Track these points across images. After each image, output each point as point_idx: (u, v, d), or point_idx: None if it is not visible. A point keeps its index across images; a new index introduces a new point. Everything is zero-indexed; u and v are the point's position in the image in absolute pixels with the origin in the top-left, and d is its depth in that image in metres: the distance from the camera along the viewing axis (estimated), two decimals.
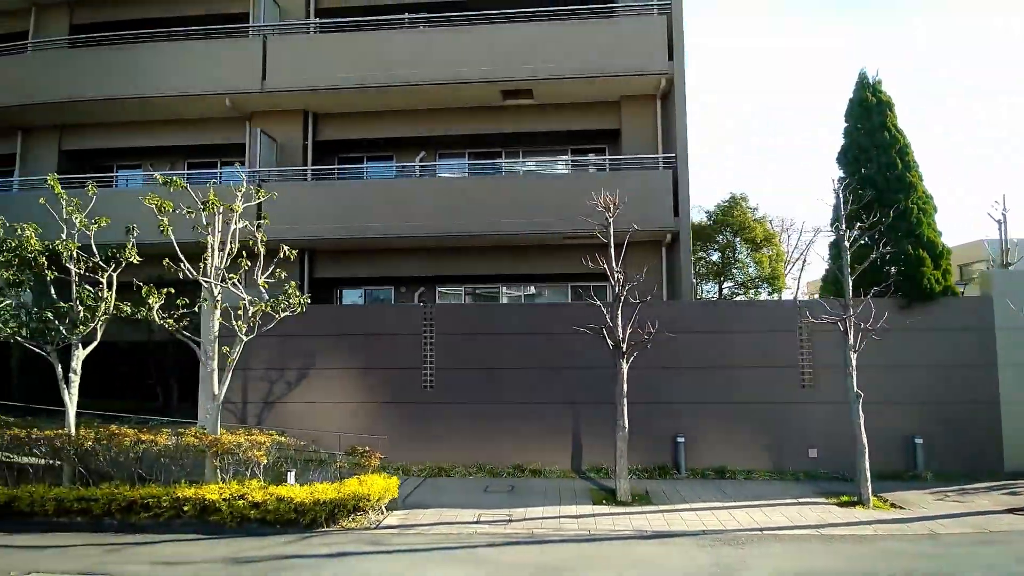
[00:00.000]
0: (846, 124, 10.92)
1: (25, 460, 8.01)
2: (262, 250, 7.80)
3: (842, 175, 10.67)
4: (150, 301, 7.38)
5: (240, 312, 7.73)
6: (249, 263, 7.77)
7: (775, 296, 27.81)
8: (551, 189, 12.50)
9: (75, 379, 7.80)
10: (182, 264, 7.53)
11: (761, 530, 7.06)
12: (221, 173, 14.41)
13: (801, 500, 8.40)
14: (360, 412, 10.34)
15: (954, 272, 11.46)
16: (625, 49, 11.96)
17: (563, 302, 13.28)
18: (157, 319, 7.52)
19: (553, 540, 6.73)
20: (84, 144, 14.28)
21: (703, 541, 6.70)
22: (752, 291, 21.68)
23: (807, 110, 64.47)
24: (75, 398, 7.83)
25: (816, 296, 31.66)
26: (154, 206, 7.54)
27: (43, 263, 7.52)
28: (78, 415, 10.86)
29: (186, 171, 14.44)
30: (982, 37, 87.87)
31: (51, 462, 7.86)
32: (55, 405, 11.19)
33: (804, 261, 33.49)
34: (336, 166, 14.17)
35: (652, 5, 12.47)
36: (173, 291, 7.76)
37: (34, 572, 5.71)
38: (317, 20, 13.49)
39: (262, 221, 8.18)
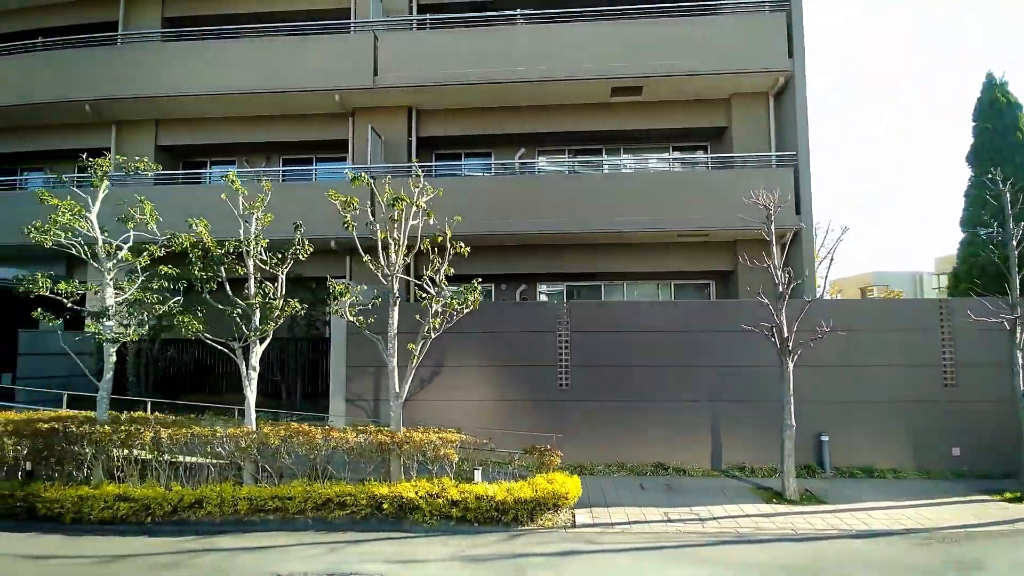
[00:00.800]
0: (974, 124, 10.98)
1: (191, 459, 7.90)
2: (449, 247, 7.71)
3: (972, 175, 10.74)
4: (344, 298, 7.29)
5: (435, 310, 7.64)
6: (440, 259, 7.69)
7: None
8: (662, 186, 12.48)
9: (254, 376, 7.69)
10: (370, 260, 7.44)
11: (962, 527, 7.05)
12: (317, 169, 14.30)
13: (969, 498, 8.40)
14: (495, 409, 10.27)
15: None
16: (743, 46, 11.95)
17: (703, 300, 13.28)
18: (347, 316, 7.43)
19: (764, 539, 6.70)
20: (179, 139, 14.12)
21: (916, 539, 6.69)
22: None
23: (813, 104, 64.70)
24: (254, 395, 7.72)
25: (839, 295, 31.85)
26: (338, 203, 7.45)
27: (231, 260, 7.42)
28: (201, 409, 10.87)
29: (281, 167, 14.32)
30: None
31: (225, 461, 7.73)
32: (166, 399, 11.20)
33: (832, 260, 33.70)
34: (434, 163, 14.09)
35: (764, 2, 12.44)
36: (359, 287, 7.67)
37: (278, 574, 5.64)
38: (428, 16, 13.42)
39: (447, 218, 8.07)
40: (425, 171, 13.65)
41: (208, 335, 7.47)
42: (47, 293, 7.39)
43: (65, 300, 7.46)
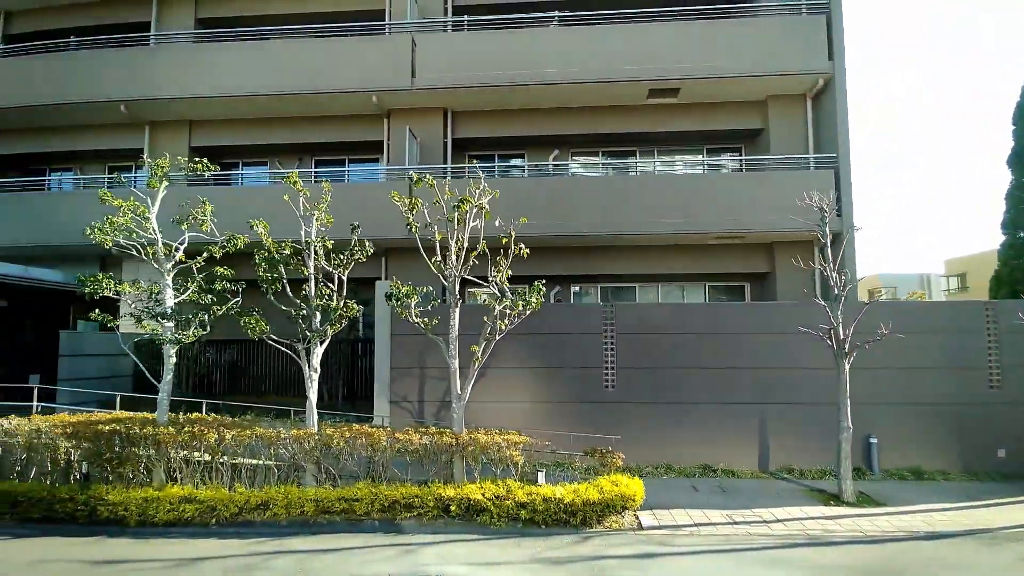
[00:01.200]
0: (1014, 127, 11.03)
1: (251, 461, 7.87)
2: (513, 247, 7.71)
3: (1014, 178, 10.79)
4: (410, 300, 7.28)
5: (499, 311, 7.63)
6: (504, 260, 7.69)
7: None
8: (699, 188, 12.50)
9: (316, 377, 7.68)
10: (438, 261, 7.43)
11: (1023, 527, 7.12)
12: (349, 171, 14.29)
13: (1021, 499, 8.45)
14: (540, 411, 10.26)
15: None
16: (782, 48, 11.99)
17: (750, 302, 13.28)
18: (413, 318, 7.42)
19: (836, 542, 6.70)
20: (213, 140, 14.09)
21: (983, 540, 6.72)
22: None
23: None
24: (315, 396, 7.71)
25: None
26: (402, 205, 7.45)
27: (296, 262, 7.41)
28: (243, 410, 10.85)
29: (313, 168, 14.30)
30: None
31: (285, 462, 7.71)
32: (204, 399, 11.14)
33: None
34: (467, 164, 14.08)
35: (801, 4, 12.48)
36: (431, 290, 7.67)
37: None
38: (465, 18, 13.40)
39: (512, 219, 8.04)
40: (457, 173, 13.79)
41: (273, 336, 7.45)
42: (111, 294, 7.36)
43: (129, 302, 7.44)
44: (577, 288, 14.41)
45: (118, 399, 9.55)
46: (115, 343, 12.13)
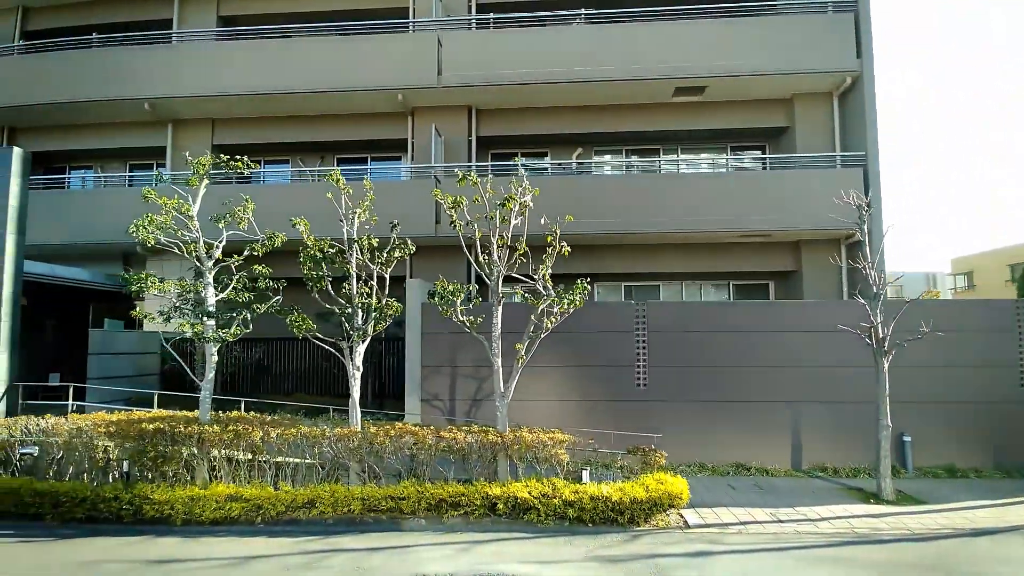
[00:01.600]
0: None
1: (291, 460, 7.86)
2: (557, 246, 7.71)
3: None
4: (455, 299, 7.28)
5: (540, 309, 7.63)
6: (550, 260, 7.68)
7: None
8: (725, 186, 12.49)
9: (358, 375, 7.67)
10: (486, 260, 7.42)
11: None
12: (371, 168, 14.26)
13: None
14: (572, 409, 10.27)
15: None
16: (809, 46, 11.99)
17: (782, 301, 13.24)
18: (458, 317, 7.41)
19: (885, 540, 6.71)
20: (235, 139, 14.05)
21: None
22: None
23: None
24: (358, 394, 7.70)
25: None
26: (445, 203, 7.44)
27: (341, 261, 7.39)
28: (275, 407, 10.84)
29: (335, 167, 14.26)
30: None
31: (324, 461, 7.71)
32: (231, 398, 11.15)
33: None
34: (490, 163, 14.07)
35: (828, 2, 12.47)
36: (475, 287, 7.65)
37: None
38: (491, 16, 13.37)
39: (558, 217, 8.05)
40: (480, 171, 13.76)
41: (319, 335, 7.44)
42: (156, 292, 7.35)
43: (173, 299, 7.43)
44: (598, 286, 14.41)
45: (156, 397, 9.54)
46: (141, 342, 12.15)
